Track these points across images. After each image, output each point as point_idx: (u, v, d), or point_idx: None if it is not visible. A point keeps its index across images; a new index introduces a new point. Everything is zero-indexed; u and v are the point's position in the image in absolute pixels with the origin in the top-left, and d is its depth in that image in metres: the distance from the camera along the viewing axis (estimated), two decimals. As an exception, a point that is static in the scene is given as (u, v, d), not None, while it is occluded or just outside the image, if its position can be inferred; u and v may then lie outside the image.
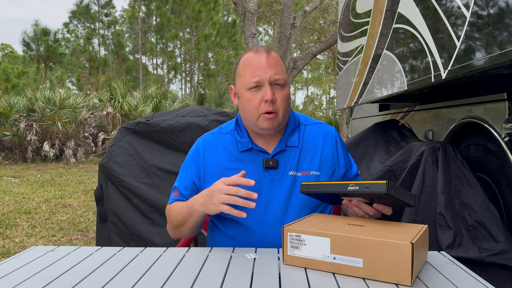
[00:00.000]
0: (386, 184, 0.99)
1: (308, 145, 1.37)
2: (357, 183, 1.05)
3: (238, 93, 1.34)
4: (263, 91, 1.26)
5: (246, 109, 1.30)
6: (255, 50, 1.31)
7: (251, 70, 1.28)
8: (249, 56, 1.31)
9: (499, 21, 1.56)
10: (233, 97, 1.39)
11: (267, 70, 1.26)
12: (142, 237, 2.60)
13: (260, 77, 1.26)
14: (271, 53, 1.30)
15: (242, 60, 1.32)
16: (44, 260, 1.10)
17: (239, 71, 1.33)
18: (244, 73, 1.30)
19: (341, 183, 1.09)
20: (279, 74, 1.28)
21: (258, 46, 1.34)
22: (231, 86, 1.39)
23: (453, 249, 1.87)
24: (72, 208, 5.29)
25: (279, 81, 1.28)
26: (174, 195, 1.41)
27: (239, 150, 1.35)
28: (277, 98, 1.27)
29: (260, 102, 1.27)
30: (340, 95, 4.68)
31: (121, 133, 2.77)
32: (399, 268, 0.88)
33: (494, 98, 2.12)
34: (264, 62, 1.27)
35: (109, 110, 11.18)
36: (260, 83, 1.26)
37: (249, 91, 1.28)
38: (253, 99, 1.27)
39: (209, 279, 0.94)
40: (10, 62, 33.70)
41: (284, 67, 1.32)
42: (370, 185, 1.02)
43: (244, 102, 1.30)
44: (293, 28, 9.54)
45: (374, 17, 3.18)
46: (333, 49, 15.00)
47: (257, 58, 1.28)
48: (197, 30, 28.70)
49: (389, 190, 0.99)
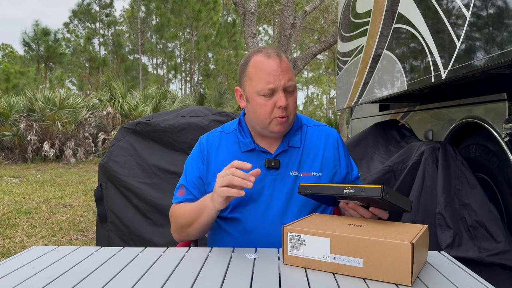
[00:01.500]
0: (381, 189, 1.00)
1: (310, 146, 1.37)
2: (353, 186, 1.05)
3: (248, 96, 1.31)
4: (276, 97, 1.26)
5: (258, 114, 1.29)
6: (266, 54, 1.28)
7: (264, 76, 1.26)
8: (260, 59, 1.28)
9: (499, 21, 1.56)
10: (239, 99, 1.37)
11: (281, 77, 1.25)
12: (142, 237, 2.59)
13: (275, 85, 1.25)
14: (282, 58, 1.29)
15: (253, 63, 1.29)
16: (44, 260, 1.10)
17: (249, 74, 1.30)
18: (256, 77, 1.28)
19: (338, 186, 1.09)
20: (291, 80, 1.28)
21: (268, 48, 1.31)
22: (236, 88, 1.37)
23: (453, 248, 1.88)
24: (72, 208, 5.29)
25: (291, 87, 1.28)
26: (180, 194, 1.38)
27: (242, 150, 1.35)
28: (289, 103, 1.28)
29: (273, 108, 1.27)
30: (340, 95, 4.68)
31: (121, 133, 2.77)
32: (399, 268, 0.88)
33: (494, 98, 2.12)
34: (278, 68, 1.26)
35: (109, 110, 11.18)
36: (274, 90, 1.26)
37: (261, 97, 1.27)
38: (266, 104, 1.27)
39: (209, 279, 0.94)
40: (10, 62, 33.70)
41: (293, 71, 1.32)
42: (366, 189, 1.03)
43: (256, 107, 1.29)
44: (293, 28, 9.54)
45: (374, 17, 3.18)
46: (333, 49, 15.00)
47: (270, 63, 1.26)
48: (197, 30, 28.71)
49: (384, 195, 1.00)
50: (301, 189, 1.17)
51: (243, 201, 1.31)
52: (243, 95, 1.35)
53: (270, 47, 1.34)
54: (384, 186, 1.00)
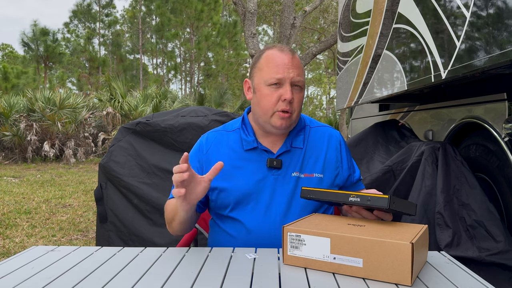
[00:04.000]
0: (388, 199, 0.99)
1: (313, 147, 1.37)
2: (358, 194, 1.05)
3: (255, 87, 1.32)
4: (283, 90, 1.27)
5: (262, 105, 1.30)
6: (280, 48, 1.31)
7: (274, 66, 1.27)
8: (273, 52, 1.30)
9: (499, 21, 1.56)
10: (247, 91, 1.38)
11: (291, 70, 1.27)
12: (142, 237, 2.59)
13: (283, 75, 1.26)
14: (295, 55, 1.31)
15: (266, 55, 1.32)
16: (44, 260, 1.10)
17: (260, 65, 1.32)
18: (267, 68, 1.29)
19: (343, 193, 1.08)
20: (300, 76, 1.29)
21: (282, 45, 1.34)
22: (245, 80, 1.38)
23: (452, 248, 1.88)
24: (72, 208, 5.29)
25: (300, 83, 1.29)
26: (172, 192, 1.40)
27: (244, 148, 1.35)
28: (294, 99, 1.28)
29: (278, 100, 1.27)
30: (340, 95, 4.68)
31: (121, 133, 2.77)
32: (399, 268, 0.88)
33: (494, 98, 2.12)
34: (289, 62, 1.28)
35: (109, 110, 11.18)
36: (282, 81, 1.27)
37: (268, 87, 1.28)
38: (271, 95, 1.27)
39: (209, 279, 0.94)
40: (9, 62, 33.68)
41: (304, 71, 1.34)
42: (372, 199, 1.01)
43: (261, 97, 1.30)
44: (293, 28, 9.54)
45: (374, 17, 3.18)
46: (333, 49, 14.98)
47: (282, 56, 1.28)
48: (197, 30, 28.69)
49: (391, 205, 0.99)
50: (304, 194, 1.17)
51: (243, 201, 1.31)
52: (251, 86, 1.36)
53: (286, 46, 1.35)
54: (391, 195, 0.99)
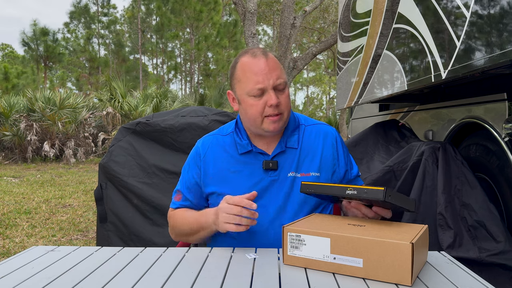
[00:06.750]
0: (383, 191, 0.99)
1: (308, 146, 1.36)
2: (355, 187, 1.05)
3: (239, 98, 1.31)
4: (267, 97, 1.25)
5: (250, 115, 1.28)
6: (252, 54, 1.28)
7: (253, 75, 1.25)
8: (247, 60, 1.27)
9: (499, 21, 1.56)
10: (232, 102, 1.36)
11: (269, 75, 1.24)
12: (142, 237, 2.59)
13: (264, 84, 1.24)
14: (269, 56, 1.28)
15: (240, 65, 1.29)
16: (44, 260, 1.10)
17: (237, 76, 1.29)
18: (245, 79, 1.26)
19: (340, 186, 1.09)
20: (281, 78, 1.27)
21: (254, 49, 1.30)
22: (228, 91, 1.36)
23: (454, 249, 1.87)
24: (72, 208, 5.29)
25: (281, 85, 1.27)
26: (176, 199, 1.41)
27: (239, 152, 1.35)
28: (280, 101, 1.26)
29: (264, 107, 1.26)
30: (340, 95, 4.68)
31: (121, 133, 2.77)
32: (399, 268, 0.88)
33: (494, 98, 2.12)
34: (265, 67, 1.25)
35: (109, 110, 11.18)
36: (264, 89, 1.25)
37: (251, 97, 1.26)
38: (257, 104, 1.26)
39: (209, 279, 0.94)
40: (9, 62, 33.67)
41: (282, 68, 1.31)
42: (368, 191, 1.02)
43: (247, 108, 1.28)
44: (293, 28, 9.54)
45: (374, 17, 3.18)
46: (333, 49, 14.99)
47: (256, 63, 1.25)
48: (197, 30, 28.70)
49: (387, 197, 1.00)
50: (303, 188, 1.17)
51: None
52: (235, 98, 1.34)
53: (256, 47, 1.33)
54: (387, 188, 1.00)
